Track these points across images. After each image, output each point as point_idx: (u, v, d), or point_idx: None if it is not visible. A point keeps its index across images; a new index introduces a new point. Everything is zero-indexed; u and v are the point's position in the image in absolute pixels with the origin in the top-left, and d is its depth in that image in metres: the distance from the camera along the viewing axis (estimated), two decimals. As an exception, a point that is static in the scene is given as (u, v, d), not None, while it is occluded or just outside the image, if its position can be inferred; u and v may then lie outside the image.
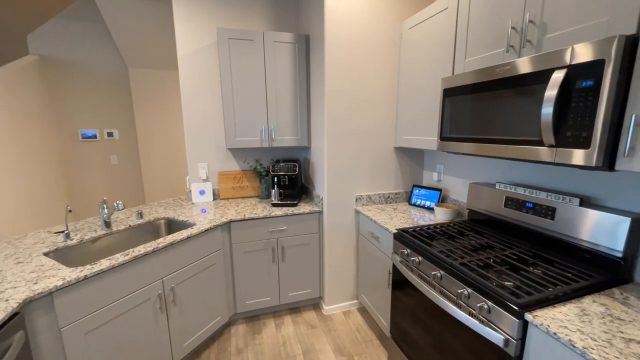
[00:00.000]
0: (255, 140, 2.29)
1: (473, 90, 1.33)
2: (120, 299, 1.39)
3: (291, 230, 2.17)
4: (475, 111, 1.33)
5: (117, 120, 3.48)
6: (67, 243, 1.58)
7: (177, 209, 2.23)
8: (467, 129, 1.38)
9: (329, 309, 2.31)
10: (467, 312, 1.13)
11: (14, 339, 1.00)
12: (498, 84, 1.21)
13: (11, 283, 1.17)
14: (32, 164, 2.85)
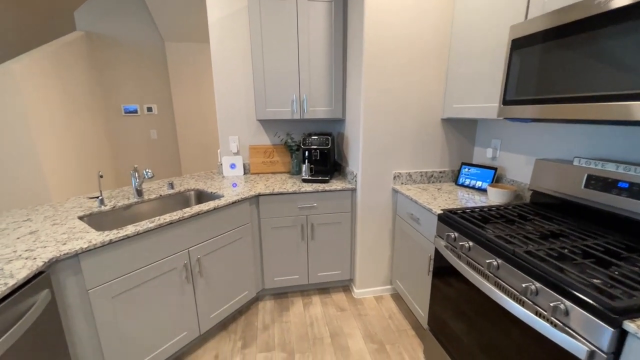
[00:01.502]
0: (286, 111, 2.14)
1: (555, 35, 1.03)
2: (146, 266, 1.37)
3: (321, 207, 2.03)
4: (553, 64, 1.04)
5: (156, 95, 3.56)
6: (101, 209, 1.60)
7: (208, 181, 2.20)
8: (540, 87, 1.09)
9: (359, 292, 2.18)
10: (533, 311, 0.91)
11: (38, 296, 1.00)
12: (595, 22, 0.91)
13: (43, 243, 1.18)
14: (81, 137, 3.02)
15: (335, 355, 1.67)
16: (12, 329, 0.87)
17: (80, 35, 3.09)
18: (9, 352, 0.88)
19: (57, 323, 1.09)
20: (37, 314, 0.97)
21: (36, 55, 2.49)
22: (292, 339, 1.79)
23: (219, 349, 1.72)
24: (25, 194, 2.42)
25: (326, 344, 1.75)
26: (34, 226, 1.36)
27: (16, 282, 0.92)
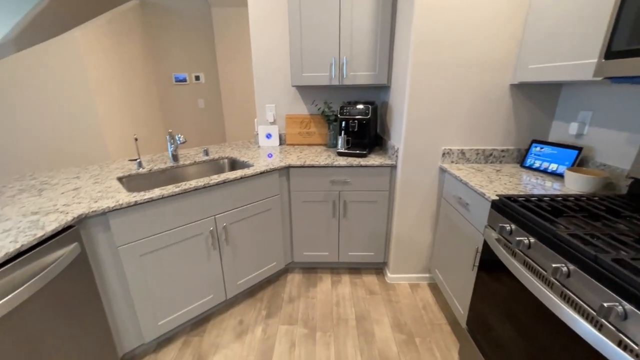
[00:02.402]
0: (324, 76, 1.95)
1: None
2: (172, 229, 1.39)
3: (356, 184, 1.86)
4: None
5: (203, 64, 3.61)
6: (139, 171, 1.66)
7: (243, 150, 2.17)
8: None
9: (393, 277, 2.02)
10: (615, 341, 0.67)
11: (68, 248, 1.05)
12: None
13: (80, 199, 1.25)
14: (136, 102, 3.24)
15: (358, 340, 1.57)
16: (38, 275, 0.92)
17: (135, 4, 3.21)
18: (37, 298, 0.95)
19: (89, 275, 1.17)
20: (65, 265, 1.02)
21: (96, 24, 2.65)
22: (316, 316, 1.74)
23: (243, 315, 1.75)
24: (86, 154, 2.70)
25: (350, 327, 1.66)
26: (79, 183, 1.46)
27: (44, 233, 0.96)
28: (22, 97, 2.42)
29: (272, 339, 1.59)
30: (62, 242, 1.04)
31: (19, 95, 2.40)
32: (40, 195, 1.30)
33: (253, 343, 1.57)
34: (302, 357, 1.48)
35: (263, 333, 1.63)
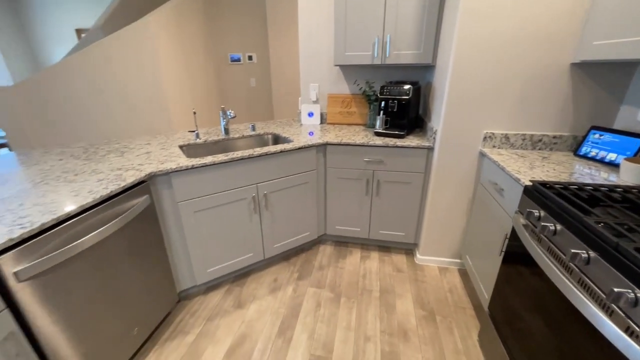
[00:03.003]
0: (366, 55, 1.96)
1: None
2: (221, 192, 1.61)
3: (390, 164, 1.89)
4: None
5: (256, 44, 3.80)
6: (196, 141, 1.91)
7: (286, 127, 2.32)
8: None
9: (422, 258, 2.05)
10: (623, 327, 0.66)
11: (138, 199, 1.31)
12: None
13: (150, 160, 1.51)
14: (196, 80, 3.57)
15: (379, 309, 1.68)
16: (118, 218, 1.19)
17: (198, -12, 3.47)
18: (118, 235, 1.22)
19: (155, 223, 1.44)
20: (138, 212, 1.29)
21: (165, 9, 2.95)
22: (342, 284, 1.88)
23: (278, 275, 1.96)
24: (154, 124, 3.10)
25: (373, 297, 1.77)
26: (149, 148, 1.75)
27: (126, 184, 1.22)
28: (109, 76, 2.86)
29: (301, 297, 1.78)
30: (137, 193, 1.30)
31: (107, 74, 2.84)
32: (122, 156, 1.60)
33: (284, 299, 1.77)
34: (325, 316, 1.64)
35: (293, 292, 1.82)
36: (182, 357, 1.42)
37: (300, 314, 1.66)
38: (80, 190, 1.16)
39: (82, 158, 1.59)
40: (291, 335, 1.53)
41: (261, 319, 1.63)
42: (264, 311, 1.68)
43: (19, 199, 1.10)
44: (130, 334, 1.33)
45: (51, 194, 1.14)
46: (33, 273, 0.91)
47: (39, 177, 1.32)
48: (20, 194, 1.14)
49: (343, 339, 1.51)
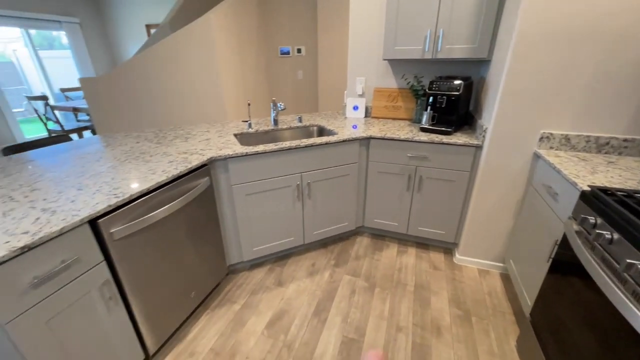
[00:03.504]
0: (417, 49, 1.94)
1: None
2: (269, 179, 1.74)
3: (435, 161, 1.87)
4: None
5: (305, 38, 3.89)
6: (249, 130, 2.07)
7: (331, 120, 2.39)
8: None
9: (461, 259, 2.01)
10: (678, 343, 0.64)
11: (201, 180, 1.49)
12: None
13: (210, 146, 1.69)
14: (249, 73, 3.79)
15: (413, 303, 1.70)
16: (185, 195, 1.37)
17: (254, -17, 3.64)
18: (183, 210, 1.41)
19: (213, 203, 1.62)
20: (200, 191, 1.47)
21: (224, 5, 3.16)
22: (377, 275, 1.93)
23: (316, 260, 2.07)
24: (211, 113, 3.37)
25: (408, 291, 1.79)
26: (209, 135, 1.94)
27: (191, 166, 1.40)
28: (175, 69, 3.17)
29: (336, 283, 1.87)
30: (200, 175, 1.48)
31: (173, 68, 3.16)
32: (187, 141, 1.81)
33: (321, 282, 1.87)
34: (359, 303, 1.71)
35: (330, 277, 1.92)
36: (230, 323, 1.60)
37: (335, 298, 1.75)
38: (156, 169, 1.36)
39: (154, 142, 1.83)
40: (326, 316, 1.63)
41: (299, 298, 1.76)
42: (302, 291, 1.80)
43: (111, 174, 1.32)
44: (188, 296, 1.53)
45: (134, 171, 1.35)
46: (123, 235, 1.11)
47: (123, 156, 1.56)
48: (110, 170, 1.38)
49: (375, 326, 1.57)
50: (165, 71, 3.17)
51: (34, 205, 1.04)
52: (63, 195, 1.12)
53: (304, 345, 1.47)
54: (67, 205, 1.04)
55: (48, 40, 6.00)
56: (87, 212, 0.99)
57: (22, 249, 0.82)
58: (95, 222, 1.02)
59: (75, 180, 1.25)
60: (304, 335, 1.52)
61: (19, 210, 1.01)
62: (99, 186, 1.19)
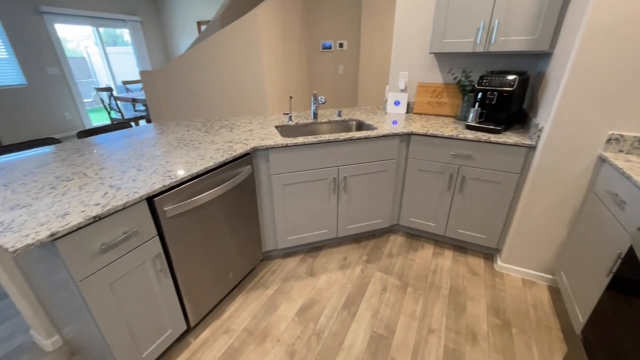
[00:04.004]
0: (467, 42, 1.83)
1: None
2: (307, 170, 1.78)
3: (480, 160, 1.77)
4: None
5: (348, 32, 3.86)
6: (289, 123, 2.13)
7: (370, 115, 2.36)
8: None
9: (503, 266, 1.89)
10: None
11: (244, 168, 1.56)
12: None
13: (253, 137, 1.77)
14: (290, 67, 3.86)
15: (447, 307, 1.64)
16: (229, 181, 1.45)
17: (300, -21, 3.68)
18: (226, 196, 1.49)
19: (253, 190, 1.69)
20: (243, 178, 1.54)
21: (269, 2, 3.24)
22: (410, 274, 1.89)
23: (347, 254, 2.08)
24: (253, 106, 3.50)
25: (442, 294, 1.73)
26: (251, 127, 2.03)
27: (235, 154, 1.47)
28: (223, 63, 3.34)
29: (368, 278, 1.86)
30: (242, 163, 1.55)
31: (222, 61, 3.32)
32: (232, 131, 1.91)
33: (352, 276, 1.88)
34: (390, 300, 1.69)
35: (361, 272, 1.92)
36: (263, 305, 1.67)
37: (366, 294, 1.75)
38: (204, 156, 1.45)
39: (203, 131, 1.96)
40: (355, 310, 1.64)
41: (330, 289, 1.78)
42: (333, 283, 1.83)
43: (165, 158, 1.44)
44: (227, 276, 1.63)
45: (185, 156, 1.46)
46: (174, 213, 1.21)
47: (176, 142, 1.70)
48: (164, 154, 1.50)
49: (406, 325, 1.54)
50: (214, 65, 3.35)
51: (103, 182, 1.17)
52: (126, 174, 1.24)
53: (333, 335, 1.49)
54: (129, 183, 1.16)
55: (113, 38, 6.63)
56: (145, 190, 1.09)
57: (94, 218, 0.94)
58: (152, 199, 1.13)
59: (135, 161, 1.39)
60: (333, 325, 1.55)
61: (91, 185, 1.14)
62: (155, 168, 1.31)
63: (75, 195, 1.06)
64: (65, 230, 0.87)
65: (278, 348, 1.43)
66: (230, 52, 3.28)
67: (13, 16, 4.49)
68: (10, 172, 1.29)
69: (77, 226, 0.90)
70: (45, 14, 4.83)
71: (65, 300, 1.10)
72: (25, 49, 4.68)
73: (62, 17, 5.10)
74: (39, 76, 4.91)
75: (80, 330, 1.18)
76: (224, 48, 3.26)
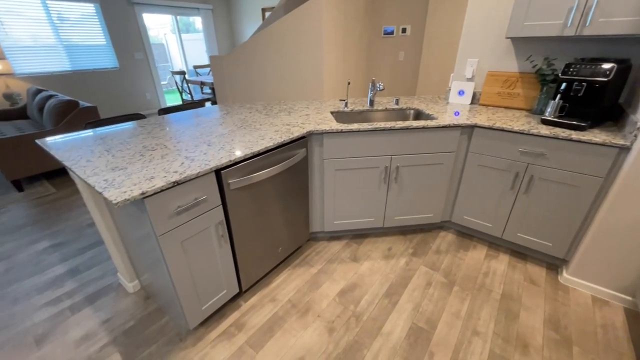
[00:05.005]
0: (555, 25, 1.61)
1: None
2: (359, 157, 1.79)
3: (554, 160, 1.59)
4: None
5: (413, 17, 3.65)
6: (345, 109, 2.14)
7: (430, 104, 2.25)
8: None
9: (571, 279, 1.70)
10: None
11: (299, 150, 1.63)
12: None
13: (309, 121, 1.82)
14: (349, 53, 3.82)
15: (497, 311, 1.55)
16: (285, 161, 1.53)
17: (367, -40, 3.55)
18: (281, 175, 1.58)
19: (306, 173, 1.77)
20: (297, 160, 1.61)
21: (335, -15, 3.22)
22: (458, 273, 1.81)
23: (392, 245, 2.06)
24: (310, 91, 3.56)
25: (492, 299, 1.63)
26: (308, 111, 2.08)
27: (293, 137, 1.55)
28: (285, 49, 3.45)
29: (412, 271, 1.83)
30: (298, 145, 1.62)
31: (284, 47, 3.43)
32: (289, 115, 1.99)
33: (396, 267, 1.87)
34: (434, 296, 1.65)
35: (406, 264, 1.89)
36: (307, 282, 1.77)
37: (409, 286, 1.73)
38: (265, 136, 1.55)
39: (263, 113, 2.08)
40: (397, 300, 1.64)
41: (372, 276, 1.80)
42: (375, 271, 1.84)
43: (230, 136, 1.58)
44: (276, 250, 1.75)
45: (248, 135, 1.58)
46: (236, 187, 1.33)
47: (239, 123, 1.83)
48: (230, 133, 1.64)
49: (449, 322, 1.50)
50: (276, 51, 3.48)
51: (180, 153, 1.34)
52: (198, 148, 1.40)
53: (372, 320, 1.52)
54: (201, 156, 1.30)
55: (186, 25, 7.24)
56: (214, 164, 1.22)
57: (173, 184, 1.08)
58: (219, 172, 1.26)
59: (206, 138, 1.55)
60: (373, 311, 1.57)
61: (170, 156, 1.31)
62: (222, 145, 1.44)
63: (158, 163, 1.23)
64: (152, 190, 1.02)
65: (318, 322, 1.51)
66: (292, 37, 3.36)
67: (112, 8, 5.17)
68: (110, 140, 1.54)
69: (161, 188, 1.05)
70: (136, 4, 5.45)
71: (146, 251, 1.31)
72: (119, 36, 5.37)
73: (149, 7, 5.72)
74: (128, 60, 5.62)
75: (155, 278, 1.39)
76: (287, 34, 3.36)
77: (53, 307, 1.63)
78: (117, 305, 1.64)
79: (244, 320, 1.53)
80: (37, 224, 2.40)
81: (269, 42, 3.45)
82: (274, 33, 3.39)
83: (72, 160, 1.28)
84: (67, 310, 1.61)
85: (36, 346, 1.42)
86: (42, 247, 2.13)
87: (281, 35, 3.38)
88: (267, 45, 3.48)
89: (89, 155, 1.34)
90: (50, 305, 1.65)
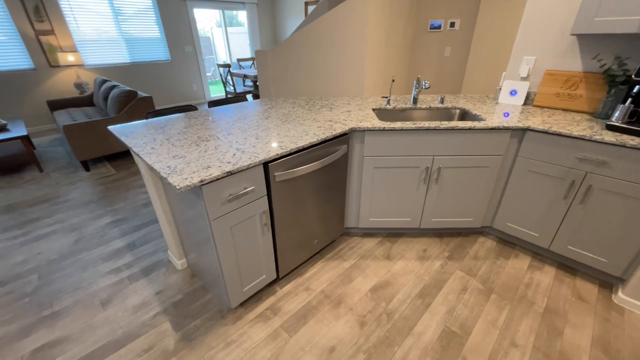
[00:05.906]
0: (632, 21, 1.46)
1: None
2: (400, 156, 1.78)
3: (619, 169, 1.46)
4: None
5: (463, 10, 3.47)
6: (387, 107, 2.12)
7: (478, 104, 2.15)
8: None
9: (626, 300, 1.57)
10: None
11: (341, 147, 1.66)
12: None
13: (351, 118, 1.84)
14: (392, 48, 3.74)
15: (538, 325, 1.48)
16: (327, 157, 1.57)
17: (417, -49, 3.42)
18: (322, 170, 1.62)
19: (345, 169, 1.80)
20: (338, 156, 1.65)
21: (382, -22, 3.15)
22: (496, 281, 1.75)
23: (428, 247, 2.03)
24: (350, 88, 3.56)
25: (533, 312, 1.56)
26: (349, 108, 2.10)
27: (335, 133, 1.58)
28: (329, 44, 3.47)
29: (447, 275, 1.80)
30: (340, 142, 1.65)
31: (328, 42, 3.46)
32: (331, 111, 2.02)
33: (430, 270, 1.85)
34: (469, 302, 1.62)
35: (441, 267, 1.86)
36: (339, 275, 1.81)
37: (443, 289, 1.70)
38: (308, 132, 1.60)
39: (306, 108, 2.13)
40: (430, 302, 1.63)
41: (405, 276, 1.80)
42: (409, 271, 1.83)
43: (276, 130, 1.65)
44: (312, 242, 1.81)
45: (292, 130, 1.64)
46: (281, 179, 1.40)
47: (284, 117, 1.90)
48: (275, 127, 1.71)
49: (484, 330, 1.46)
50: (320, 46, 3.51)
51: (231, 145, 1.43)
52: (247, 141, 1.48)
53: (404, 319, 1.53)
54: (250, 148, 1.38)
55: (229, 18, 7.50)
56: (263, 156, 1.29)
57: (227, 173, 1.17)
58: (267, 164, 1.33)
59: (254, 131, 1.63)
60: (405, 310, 1.58)
61: (223, 147, 1.41)
62: (269, 138, 1.52)
63: (213, 153, 1.33)
64: (209, 179, 1.12)
65: (350, 315, 1.56)
66: (336, 33, 3.37)
67: (166, 2, 5.52)
68: (169, 130, 1.68)
69: (216, 177, 1.14)
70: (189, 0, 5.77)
71: (196, 233, 1.43)
72: (171, 30, 5.74)
73: (199, 2, 6.02)
74: (178, 53, 5.99)
75: (203, 258, 1.52)
76: (331, 29, 3.37)
77: (115, 276, 1.85)
78: (167, 279, 1.82)
79: (279, 306, 1.62)
80: (100, 201, 2.70)
81: (312, 37, 3.49)
82: (317, 28, 3.42)
83: (139, 147, 1.43)
84: (126, 280, 1.82)
85: (102, 308, 1.63)
86: (106, 222, 2.39)
87: (325, 31, 3.40)
88: (311, 40, 3.52)
89: (152, 142, 1.48)
90: (113, 274, 1.86)
